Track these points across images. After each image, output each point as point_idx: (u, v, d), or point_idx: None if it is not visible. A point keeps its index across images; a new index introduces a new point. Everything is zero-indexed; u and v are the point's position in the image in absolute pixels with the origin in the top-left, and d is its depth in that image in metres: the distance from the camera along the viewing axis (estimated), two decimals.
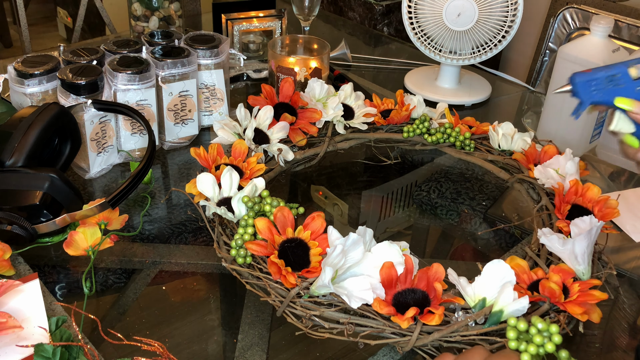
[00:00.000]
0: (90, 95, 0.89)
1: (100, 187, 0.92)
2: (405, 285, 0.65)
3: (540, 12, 1.99)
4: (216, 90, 1.05)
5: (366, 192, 0.98)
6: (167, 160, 1.00)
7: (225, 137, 0.91)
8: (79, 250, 0.74)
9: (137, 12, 1.29)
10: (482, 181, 0.99)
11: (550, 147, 0.93)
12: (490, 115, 1.22)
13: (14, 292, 0.64)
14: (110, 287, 0.75)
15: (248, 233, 0.71)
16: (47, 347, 0.57)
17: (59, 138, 0.84)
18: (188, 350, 0.66)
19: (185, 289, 0.75)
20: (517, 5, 1.13)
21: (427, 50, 1.22)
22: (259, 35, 1.36)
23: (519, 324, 0.58)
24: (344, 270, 0.66)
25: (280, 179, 0.96)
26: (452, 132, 0.99)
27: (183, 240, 0.83)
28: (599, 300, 0.66)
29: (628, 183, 1.02)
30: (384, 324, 0.63)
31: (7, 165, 0.75)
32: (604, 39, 1.00)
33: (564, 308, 0.64)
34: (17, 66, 0.90)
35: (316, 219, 0.71)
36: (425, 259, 0.84)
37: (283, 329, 0.69)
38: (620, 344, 0.71)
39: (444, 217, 0.92)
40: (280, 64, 1.11)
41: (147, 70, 0.92)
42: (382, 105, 1.06)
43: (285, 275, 0.66)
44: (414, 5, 1.18)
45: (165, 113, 0.98)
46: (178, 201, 0.90)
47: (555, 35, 1.60)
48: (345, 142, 1.01)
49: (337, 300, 0.65)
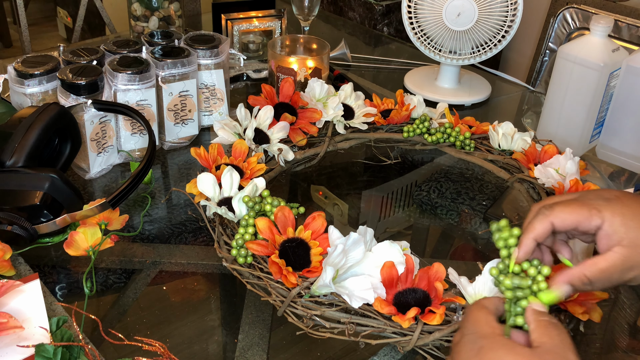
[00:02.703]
0: (90, 95, 0.89)
1: (100, 187, 0.92)
2: (406, 285, 0.66)
3: (540, 12, 1.99)
4: (216, 90, 1.05)
5: (366, 192, 0.98)
6: (167, 160, 1.00)
7: (226, 137, 0.91)
8: (79, 251, 0.74)
9: (137, 12, 1.29)
10: (482, 181, 0.99)
11: (550, 146, 0.93)
12: (490, 115, 1.22)
13: (14, 293, 0.64)
14: (111, 287, 0.75)
15: (249, 233, 0.71)
16: (48, 347, 0.57)
17: (59, 138, 0.84)
18: (189, 350, 0.66)
19: (185, 289, 0.75)
20: (517, 5, 1.13)
21: (427, 50, 1.22)
22: (258, 35, 1.36)
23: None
24: (345, 269, 0.66)
25: (281, 179, 0.96)
26: (452, 132, 0.99)
27: (183, 240, 0.83)
28: (600, 300, 0.66)
29: (628, 183, 1.03)
30: (385, 323, 0.63)
31: (7, 165, 0.75)
32: (604, 38, 1.00)
33: (564, 307, 0.65)
34: (17, 66, 0.90)
35: (317, 219, 0.71)
36: (426, 258, 0.84)
37: (283, 329, 0.69)
38: (620, 344, 0.71)
39: (444, 217, 0.92)
40: (280, 64, 1.11)
41: (147, 70, 0.92)
42: (382, 105, 1.06)
43: (286, 275, 0.66)
44: (414, 5, 1.18)
45: (165, 113, 0.98)
46: (178, 201, 0.90)
47: (555, 35, 1.60)
48: (345, 142, 1.01)
49: (338, 300, 0.65)
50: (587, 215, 0.53)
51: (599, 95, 1.01)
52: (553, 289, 0.53)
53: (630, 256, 0.52)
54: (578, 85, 1.01)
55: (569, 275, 0.53)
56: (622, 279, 0.53)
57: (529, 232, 0.54)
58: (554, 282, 0.53)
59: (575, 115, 1.04)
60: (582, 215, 0.53)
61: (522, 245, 0.55)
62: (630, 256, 0.52)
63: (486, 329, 0.49)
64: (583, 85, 1.01)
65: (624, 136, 1.03)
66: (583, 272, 0.52)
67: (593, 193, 0.55)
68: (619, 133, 1.03)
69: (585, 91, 1.01)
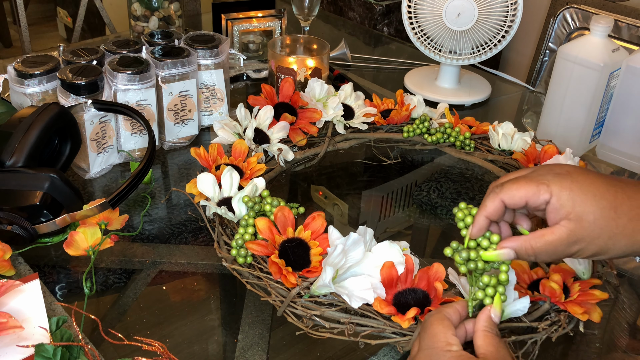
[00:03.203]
0: (90, 95, 0.89)
1: (100, 187, 0.92)
2: (406, 285, 0.66)
3: (540, 12, 1.99)
4: (216, 90, 1.05)
5: (366, 192, 0.98)
6: (167, 160, 1.00)
7: (226, 137, 0.91)
8: (79, 251, 0.74)
9: (137, 12, 1.29)
10: (482, 181, 0.99)
11: (550, 146, 0.93)
12: (490, 115, 1.22)
13: (14, 292, 0.64)
14: (111, 287, 0.75)
15: (248, 233, 0.71)
16: (47, 347, 0.57)
17: (59, 138, 0.84)
18: (188, 350, 0.66)
19: (185, 289, 0.75)
20: (517, 5, 1.13)
21: (427, 50, 1.22)
22: (258, 35, 1.36)
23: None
24: (345, 269, 0.66)
25: (281, 179, 0.96)
26: (452, 132, 0.99)
27: (183, 240, 0.83)
28: (600, 300, 0.66)
29: None
30: (385, 323, 0.63)
31: (7, 165, 0.75)
32: (604, 38, 1.00)
33: (564, 307, 0.65)
34: (17, 66, 0.90)
35: (317, 219, 0.71)
36: (426, 258, 0.84)
37: (283, 328, 0.69)
38: (620, 344, 0.71)
39: (444, 217, 0.92)
40: (280, 64, 1.11)
41: (147, 70, 0.92)
42: (382, 105, 1.06)
43: (285, 275, 0.66)
44: (414, 6, 1.18)
45: (165, 113, 0.98)
46: (178, 201, 0.90)
47: (555, 35, 1.60)
48: (345, 142, 1.01)
49: (338, 300, 0.65)
50: (535, 190, 0.54)
51: (599, 96, 1.01)
52: (497, 251, 0.55)
53: (575, 230, 0.53)
54: (578, 85, 1.01)
55: (515, 241, 0.55)
56: (567, 252, 0.54)
57: (481, 210, 0.56)
58: (499, 245, 0.56)
59: (575, 115, 1.04)
60: (530, 191, 0.54)
61: (475, 223, 0.57)
62: (576, 230, 0.53)
63: (443, 345, 0.51)
64: (583, 85, 1.01)
65: (624, 136, 1.03)
66: (529, 242, 0.54)
67: (545, 168, 0.56)
68: (619, 133, 1.03)
69: (585, 91, 1.01)
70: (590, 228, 0.52)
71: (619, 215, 0.52)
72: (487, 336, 0.51)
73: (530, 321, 0.64)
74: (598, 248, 0.53)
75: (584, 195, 0.52)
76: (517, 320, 0.64)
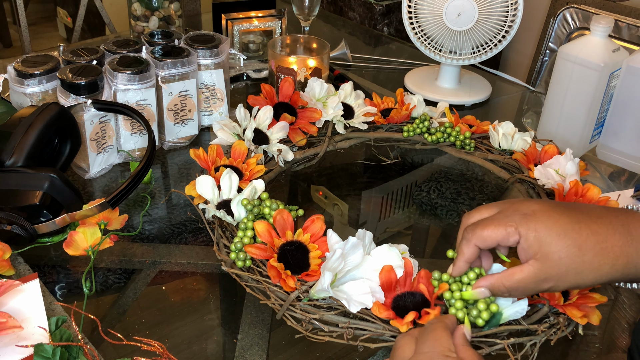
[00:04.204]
0: (90, 95, 0.89)
1: (100, 187, 0.92)
2: (405, 288, 0.65)
3: (540, 12, 1.99)
4: (216, 90, 1.05)
5: (366, 192, 0.98)
6: (167, 160, 1.00)
7: (225, 137, 0.91)
8: (78, 250, 0.74)
9: (137, 12, 1.29)
10: (482, 181, 0.99)
11: (550, 147, 0.93)
12: (490, 115, 1.22)
13: (13, 292, 0.64)
14: (110, 287, 0.75)
15: (247, 236, 0.71)
16: (47, 347, 0.57)
17: (59, 138, 0.84)
18: (188, 350, 0.66)
19: (185, 289, 0.75)
20: (517, 5, 1.13)
21: (427, 50, 1.22)
22: (259, 35, 1.36)
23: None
24: (344, 273, 0.66)
25: (280, 179, 0.96)
26: (452, 132, 0.99)
27: (183, 241, 0.82)
28: (599, 303, 0.66)
29: (628, 183, 1.02)
30: (384, 327, 0.63)
31: (7, 165, 0.75)
32: (604, 38, 0.99)
33: (563, 311, 0.64)
34: (17, 66, 0.90)
35: (316, 222, 0.71)
36: (426, 259, 0.84)
37: (283, 329, 0.69)
38: (620, 344, 0.71)
39: (444, 217, 0.92)
40: (280, 63, 1.11)
41: (147, 70, 0.92)
42: (382, 105, 1.06)
43: (284, 279, 0.66)
44: (414, 5, 1.18)
45: (165, 113, 0.98)
46: (178, 201, 0.90)
47: (555, 35, 1.60)
48: (345, 141, 1.01)
49: (337, 304, 0.65)
50: (504, 234, 0.57)
51: (599, 96, 1.01)
52: (473, 290, 0.60)
53: (542, 268, 0.56)
54: (578, 85, 1.01)
55: (489, 280, 0.59)
56: (538, 289, 0.57)
57: (460, 256, 0.61)
58: (475, 284, 0.60)
59: (575, 116, 1.04)
60: (499, 235, 0.57)
61: (455, 267, 0.62)
62: (543, 268, 0.56)
63: (444, 349, 0.53)
64: (583, 86, 1.01)
65: (624, 136, 1.03)
66: (501, 281, 0.58)
67: (512, 208, 0.59)
68: (619, 133, 1.03)
69: (585, 91, 1.01)
70: (558, 266, 0.55)
71: (584, 252, 0.55)
72: (467, 350, 0.54)
73: (529, 324, 0.64)
74: (568, 284, 0.56)
75: (549, 236, 0.55)
76: (515, 322, 0.64)
